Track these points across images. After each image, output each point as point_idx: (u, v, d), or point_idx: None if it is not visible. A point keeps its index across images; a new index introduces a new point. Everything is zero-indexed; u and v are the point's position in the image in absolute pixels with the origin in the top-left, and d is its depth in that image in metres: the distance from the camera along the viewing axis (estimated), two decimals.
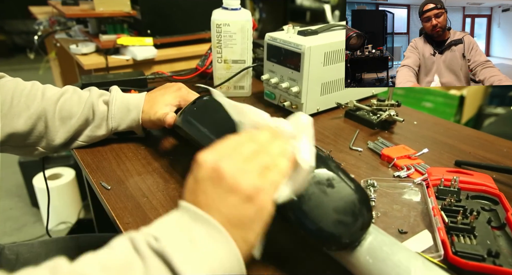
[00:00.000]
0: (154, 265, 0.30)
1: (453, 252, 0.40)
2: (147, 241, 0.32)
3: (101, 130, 0.62)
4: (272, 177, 0.35)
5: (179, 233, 0.33)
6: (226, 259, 0.32)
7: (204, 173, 0.35)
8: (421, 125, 0.77)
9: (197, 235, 0.33)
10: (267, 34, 0.78)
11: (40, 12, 1.93)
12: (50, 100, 0.59)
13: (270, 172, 0.36)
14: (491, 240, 0.42)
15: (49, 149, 0.61)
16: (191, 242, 0.32)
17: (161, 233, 0.33)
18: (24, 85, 0.59)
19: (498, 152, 0.67)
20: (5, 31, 3.98)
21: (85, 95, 0.61)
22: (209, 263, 0.32)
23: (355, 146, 0.67)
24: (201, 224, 0.33)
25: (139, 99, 0.62)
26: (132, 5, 1.32)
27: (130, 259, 0.31)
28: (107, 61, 1.25)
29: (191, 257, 0.31)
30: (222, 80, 0.86)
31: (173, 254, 0.31)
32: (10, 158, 2.09)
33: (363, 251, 0.37)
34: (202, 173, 0.35)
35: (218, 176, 0.34)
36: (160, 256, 0.31)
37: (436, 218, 0.46)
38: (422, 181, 0.56)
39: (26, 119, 0.57)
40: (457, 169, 0.57)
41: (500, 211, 0.47)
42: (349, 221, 0.37)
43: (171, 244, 0.31)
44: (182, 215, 0.34)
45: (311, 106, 0.78)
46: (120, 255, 0.31)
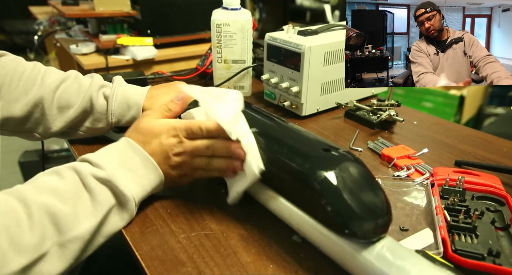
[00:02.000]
0: (99, 191, 0.42)
1: (453, 250, 0.41)
2: (92, 173, 0.42)
3: (101, 124, 0.61)
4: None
5: (121, 163, 0.46)
6: (155, 182, 0.47)
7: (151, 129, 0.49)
8: (421, 125, 0.77)
9: (135, 164, 0.46)
10: (267, 34, 0.78)
11: (40, 12, 1.93)
12: (49, 88, 0.57)
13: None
14: (493, 240, 0.42)
15: (46, 135, 0.60)
16: (131, 170, 0.46)
17: (106, 163, 0.44)
18: (24, 67, 0.57)
19: (498, 152, 0.67)
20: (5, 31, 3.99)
21: (86, 83, 0.60)
22: (144, 185, 0.46)
23: (355, 146, 0.67)
24: (136, 155, 0.47)
25: (140, 95, 0.61)
26: (132, 5, 1.32)
27: (78, 190, 0.41)
28: (107, 61, 1.25)
29: (131, 181, 0.45)
30: (222, 80, 0.86)
31: (117, 180, 0.43)
32: (10, 158, 2.09)
33: (379, 249, 0.37)
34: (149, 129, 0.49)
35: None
36: (105, 183, 0.43)
37: (438, 217, 0.46)
38: (427, 180, 0.56)
39: (23, 105, 0.55)
40: (464, 169, 0.57)
41: (505, 212, 0.47)
42: (378, 212, 0.38)
43: (115, 173, 0.44)
44: (124, 146, 0.47)
45: (311, 106, 0.78)
46: (69, 185, 0.41)
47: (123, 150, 0.47)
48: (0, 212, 0.36)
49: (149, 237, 0.44)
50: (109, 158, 0.46)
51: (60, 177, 0.42)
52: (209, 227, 0.46)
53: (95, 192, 0.42)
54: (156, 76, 0.96)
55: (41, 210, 0.38)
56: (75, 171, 0.43)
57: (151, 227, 0.46)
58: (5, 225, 0.35)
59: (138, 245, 0.43)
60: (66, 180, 0.42)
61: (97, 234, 0.42)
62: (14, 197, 0.38)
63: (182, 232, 0.45)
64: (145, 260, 0.41)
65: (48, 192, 0.40)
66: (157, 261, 0.41)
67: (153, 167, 0.47)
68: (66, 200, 0.40)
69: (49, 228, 0.37)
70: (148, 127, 0.49)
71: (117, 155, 0.47)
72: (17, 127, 0.58)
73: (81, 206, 0.40)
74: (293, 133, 0.48)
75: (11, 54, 0.60)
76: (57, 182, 0.41)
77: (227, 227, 0.46)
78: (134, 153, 0.47)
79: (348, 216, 0.37)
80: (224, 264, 0.41)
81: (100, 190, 0.42)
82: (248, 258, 0.42)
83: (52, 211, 0.38)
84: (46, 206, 0.38)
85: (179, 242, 0.43)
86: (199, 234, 0.45)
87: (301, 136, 0.47)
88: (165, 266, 0.40)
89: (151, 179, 0.47)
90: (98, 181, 0.43)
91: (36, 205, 0.38)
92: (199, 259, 0.41)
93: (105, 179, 0.43)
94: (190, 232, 0.45)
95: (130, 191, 0.44)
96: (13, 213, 0.36)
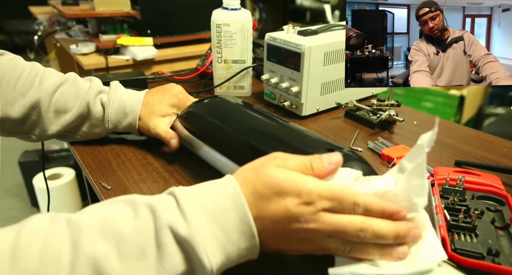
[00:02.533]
0: (171, 253, 0.31)
1: (452, 249, 0.41)
2: (170, 226, 0.31)
3: (98, 129, 0.61)
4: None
5: (214, 216, 0.33)
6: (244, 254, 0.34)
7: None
8: (421, 125, 0.77)
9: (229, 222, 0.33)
10: (267, 34, 0.78)
11: (40, 12, 1.93)
12: (46, 91, 0.57)
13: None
14: (493, 239, 0.42)
15: (42, 138, 0.60)
16: (222, 231, 0.33)
17: (194, 213, 0.32)
18: (22, 68, 0.57)
19: (498, 152, 0.67)
20: (5, 31, 3.99)
21: (84, 88, 0.59)
22: (231, 254, 0.33)
23: (355, 146, 0.67)
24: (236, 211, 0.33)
25: (136, 102, 0.60)
26: (132, 5, 1.32)
27: (145, 244, 0.31)
28: (107, 61, 1.25)
29: (218, 246, 0.32)
30: (222, 80, 0.86)
31: (201, 246, 0.31)
32: (10, 158, 2.09)
33: None
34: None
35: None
36: (182, 243, 0.31)
37: (438, 216, 0.46)
38: (428, 178, 0.56)
39: (20, 107, 0.55)
40: (464, 169, 0.57)
41: (505, 212, 0.47)
42: None
43: (200, 234, 0.31)
44: (226, 195, 0.34)
45: (311, 106, 0.78)
46: (137, 233, 0.31)
47: (223, 195, 0.34)
48: (45, 254, 0.29)
49: None
50: (204, 209, 0.33)
51: (134, 215, 0.32)
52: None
53: (166, 253, 0.31)
54: (156, 76, 0.96)
55: (90, 262, 0.29)
56: (152, 212, 0.32)
57: None
58: (41, 272, 0.28)
59: None
60: (137, 223, 0.32)
61: None
62: (68, 236, 0.30)
63: None
64: None
65: (110, 237, 0.31)
66: None
67: (251, 234, 0.33)
68: (126, 255, 0.30)
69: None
70: (274, 178, 0.34)
71: (214, 203, 0.34)
72: (14, 129, 0.58)
73: (140, 267, 0.30)
74: (296, 134, 0.48)
75: (10, 53, 0.60)
76: (126, 224, 0.31)
77: None
78: (234, 208, 0.33)
79: None
80: None
81: (173, 251, 0.31)
82: None
83: (101, 267, 0.29)
84: (96, 259, 0.29)
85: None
86: None
87: (304, 136, 0.47)
88: None
89: (242, 247, 0.34)
90: (174, 239, 0.32)
91: (87, 255, 0.29)
92: None
93: (184, 238, 0.31)
94: None
95: (211, 261, 0.32)
96: (55, 259, 0.29)
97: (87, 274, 0.29)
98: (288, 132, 0.48)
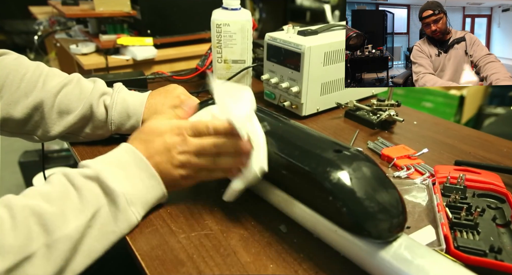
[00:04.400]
0: (87, 188, 0.41)
1: (455, 246, 0.41)
2: (80, 173, 0.42)
3: (101, 131, 0.61)
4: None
5: (112, 162, 0.45)
6: (149, 183, 0.46)
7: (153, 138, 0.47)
8: (421, 125, 0.77)
9: (126, 163, 0.45)
10: (267, 34, 0.78)
11: (40, 12, 1.93)
12: (50, 91, 0.57)
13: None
14: (494, 236, 0.42)
15: (45, 138, 0.60)
16: (122, 169, 0.44)
17: (96, 163, 0.44)
18: (26, 68, 0.57)
19: (498, 152, 0.67)
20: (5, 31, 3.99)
21: (88, 89, 0.59)
22: (136, 184, 0.44)
23: (355, 146, 0.67)
24: (128, 155, 0.46)
25: (139, 104, 0.60)
26: (132, 5, 1.32)
27: (65, 189, 0.41)
28: (107, 61, 1.25)
29: (121, 178, 0.43)
30: (222, 80, 0.86)
31: (105, 176, 0.42)
32: (10, 158, 2.09)
33: (397, 248, 0.37)
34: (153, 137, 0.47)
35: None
36: (93, 179, 0.42)
37: (440, 214, 0.46)
38: (428, 178, 0.56)
39: (23, 108, 0.55)
40: (465, 167, 0.57)
41: (506, 209, 0.48)
42: (393, 211, 0.38)
43: (104, 169, 0.43)
44: (120, 149, 0.46)
45: (311, 106, 0.78)
46: (56, 187, 0.41)
47: (118, 151, 0.46)
48: None
49: (149, 237, 0.44)
50: (102, 158, 0.45)
51: (48, 182, 0.41)
52: (209, 227, 0.46)
53: (83, 189, 0.41)
54: (156, 76, 0.96)
55: (25, 211, 0.37)
56: (63, 174, 0.42)
57: (151, 227, 0.46)
58: None
59: (138, 245, 0.43)
60: (54, 183, 0.41)
61: (88, 234, 0.39)
62: (4, 209, 0.37)
63: (182, 232, 0.45)
64: (145, 260, 0.41)
65: (34, 196, 0.39)
66: (157, 261, 0.41)
67: (145, 165, 0.45)
68: (53, 200, 0.39)
69: (34, 229, 0.36)
70: (152, 127, 0.48)
71: (110, 156, 0.46)
72: (17, 129, 0.58)
73: (69, 204, 0.39)
74: (303, 133, 0.48)
75: (15, 53, 0.59)
76: (45, 187, 0.41)
77: (227, 227, 0.46)
78: (126, 153, 0.46)
79: (364, 217, 0.37)
80: (224, 264, 0.41)
81: (88, 187, 0.41)
82: (248, 258, 0.42)
83: (37, 211, 0.37)
84: (30, 207, 0.37)
85: (179, 242, 0.43)
86: (199, 234, 0.45)
87: (311, 136, 0.47)
88: (165, 266, 0.40)
89: (143, 177, 0.45)
90: (86, 179, 0.42)
91: (20, 207, 0.37)
92: (199, 259, 0.41)
93: (92, 175, 0.42)
94: (190, 232, 0.45)
95: (119, 187, 0.42)
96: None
97: (28, 219, 0.36)
98: (294, 132, 0.48)
